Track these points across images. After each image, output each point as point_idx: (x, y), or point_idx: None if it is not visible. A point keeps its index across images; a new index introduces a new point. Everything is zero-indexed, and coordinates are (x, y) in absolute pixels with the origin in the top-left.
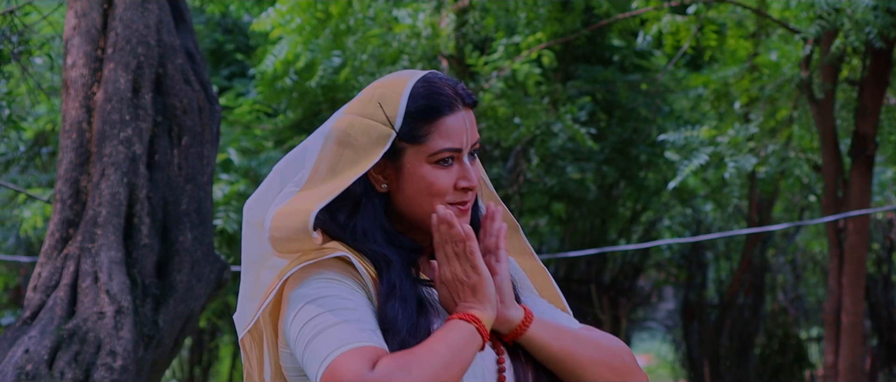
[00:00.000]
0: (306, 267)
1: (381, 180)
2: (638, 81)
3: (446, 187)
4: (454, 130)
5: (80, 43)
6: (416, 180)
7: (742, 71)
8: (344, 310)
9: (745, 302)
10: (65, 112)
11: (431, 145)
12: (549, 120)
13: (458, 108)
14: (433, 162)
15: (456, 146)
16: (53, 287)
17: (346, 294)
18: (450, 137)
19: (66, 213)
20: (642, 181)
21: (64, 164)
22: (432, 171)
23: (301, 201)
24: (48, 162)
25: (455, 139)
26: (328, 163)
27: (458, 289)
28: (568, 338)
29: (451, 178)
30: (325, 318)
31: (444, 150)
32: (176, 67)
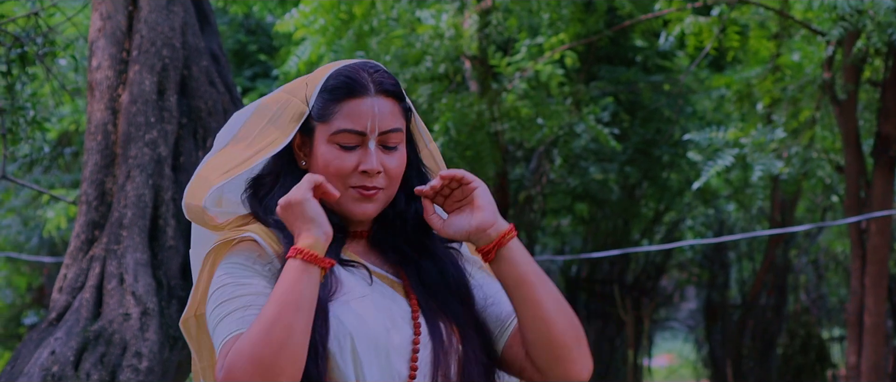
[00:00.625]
0: (220, 248)
1: (302, 156)
2: (660, 81)
3: (344, 168)
4: (358, 114)
5: (106, 45)
6: (320, 159)
7: (765, 72)
8: (237, 297)
9: (767, 302)
10: (90, 114)
11: (332, 124)
12: (572, 121)
13: (369, 92)
14: (334, 143)
15: (357, 129)
16: (79, 289)
17: (244, 280)
18: (352, 119)
19: (92, 215)
20: (665, 182)
21: (89, 166)
22: (332, 150)
23: (210, 168)
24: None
25: (357, 122)
26: (249, 132)
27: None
28: (542, 274)
29: (353, 160)
30: (224, 307)
31: (344, 130)
32: (201, 69)
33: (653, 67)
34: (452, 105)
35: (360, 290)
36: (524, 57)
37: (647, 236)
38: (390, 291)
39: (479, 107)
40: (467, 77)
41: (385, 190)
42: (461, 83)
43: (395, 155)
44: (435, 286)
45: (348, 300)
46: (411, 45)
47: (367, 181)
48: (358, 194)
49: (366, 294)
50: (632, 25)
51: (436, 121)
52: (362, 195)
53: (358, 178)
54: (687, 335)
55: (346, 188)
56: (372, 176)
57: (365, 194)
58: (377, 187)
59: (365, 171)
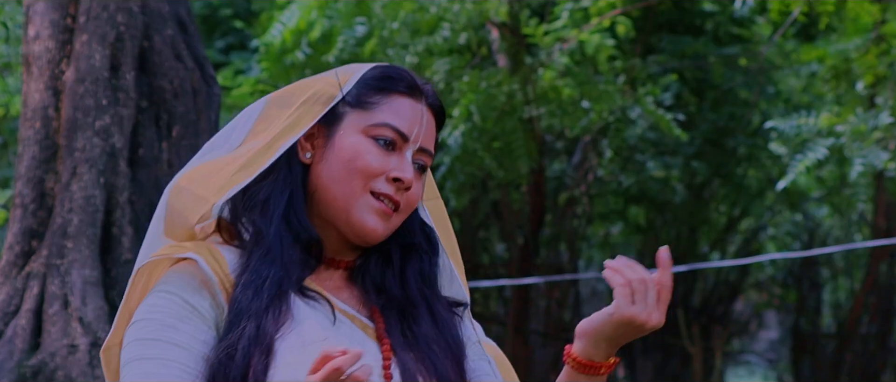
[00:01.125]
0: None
1: (308, 147)
2: (736, 55)
3: (377, 167)
4: (407, 114)
5: (46, 9)
6: (345, 149)
7: (866, 43)
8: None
9: (869, 330)
10: (26, 95)
11: (376, 115)
12: (626, 104)
13: (419, 98)
14: (371, 136)
15: (402, 128)
16: (13, 314)
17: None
18: (399, 116)
19: (29, 221)
20: (741, 180)
21: (25, 160)
22: (367, 143)
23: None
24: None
25: (404, 122)
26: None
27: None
28: None
29: (387, 162)
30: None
31: (387, 125)
32: (164, 39)
33: (726, 36)
34: (476, 84)
35: (319, 333)
36: (566, 24)
37: (718, 249)
38: (359, 334)
39: (509, 87)
40: (495, 50)
41: (399, 214)
42: (487, 57)
43: (421, 181)
44: (423, 339)
45: (303, 343)
46: (425, 10)
47: (394, 193)
48: (379, 204)
49: (326, 338)
50: None
51: (455, 104)
52: (382, 209)
53: (385, 185)
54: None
55: (365, 193)
56: (402, 189)
57: (385, 209)
58: (397, 203)
59: (398, 178)
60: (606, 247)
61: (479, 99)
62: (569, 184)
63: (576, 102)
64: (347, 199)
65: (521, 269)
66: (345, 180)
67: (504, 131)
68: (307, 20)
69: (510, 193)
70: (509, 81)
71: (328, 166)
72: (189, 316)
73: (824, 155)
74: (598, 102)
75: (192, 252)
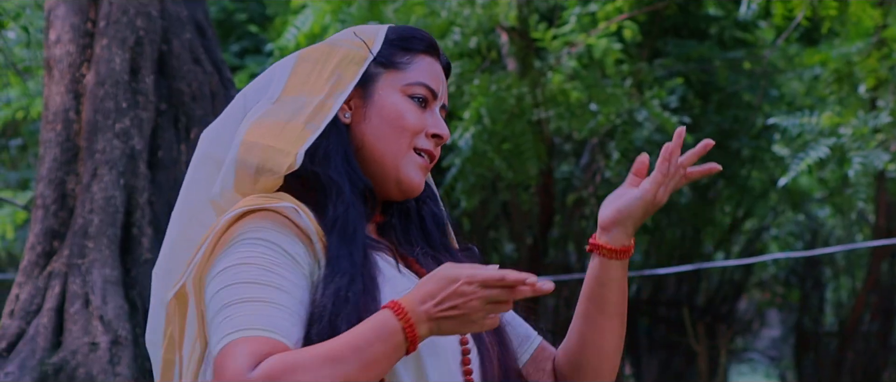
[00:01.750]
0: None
1: (346, 109)
2: (740, 58)
3: (418, 124)
4: (432, 71)
5: (66, 14)
6: (387, 109)
7: (868, 47)
8: (259, 285)
9: (871, 329)
10: (47, 98)
11: (409, 75)
12: (633, 107)
13: (436, 56)
14: (408, 95)
15: (433, 85)
16: (35, 312)
17: (272, 263)
18: (428, 75)
19: (50, 222)
20: (745, 182)
21: (46, 161)
22: (405, 102)
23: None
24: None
25: (432, 78)
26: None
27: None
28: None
29: (424, 120)
30: (236, 291)
31: (422, 83)
32: (183, 43)
33: (730, 40)
34: (486, 87)
35: (401, 282)
36: (574, 29)
37: (722, 249)
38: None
39: (518, 90)
40: (504, 53)
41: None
42: (497, 61)
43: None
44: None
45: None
46: (436, 14)
47: (433, 147)
48: (421, 159)
49: (408, 287)
50: None
51: (466, 107)
52: (424, 163)
53: (426, 141)
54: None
55: (410, 150)
56: (435, 142)
57: (425, 164)
58: (436, 154)
59: (437, 135)
60: None
61: (489, 102)
62: (577, 185)
63: (584, 105)
64: (396, 156)
65: (531, 268)
66: (392, 138)
67: (513, 134)
68: (321, 24)
69: (519, 194)
70: (519, 85)
71: (371, 125)
72: (288, 263)
73: (826, 154)
74: (605, 104)
75: (289, 203)
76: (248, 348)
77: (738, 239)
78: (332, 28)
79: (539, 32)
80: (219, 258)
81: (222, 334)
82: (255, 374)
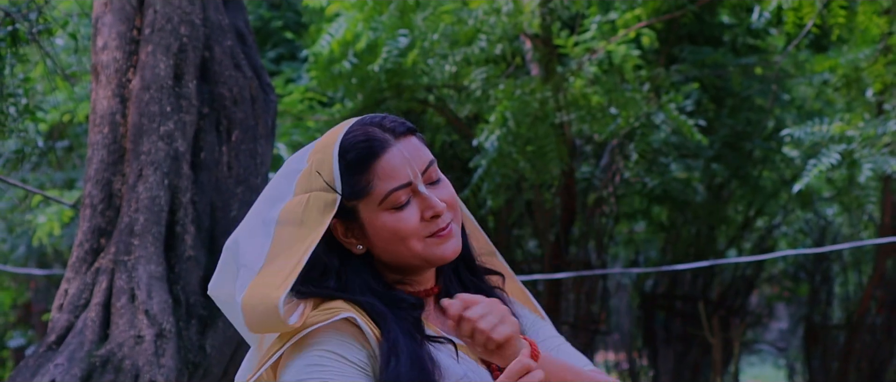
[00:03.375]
0: (307, 336)
1: (355, 242)
2: (752, 64)
3: (413, 227)
4: (394, 168)
5: (113, 22)
6: (380, 231)
7: (875, 53)
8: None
9: (876, 322)
10: (94, 102)
11: (377, 193)
12: (651, 110)
13: (390, 143)
14: (388, 208)
15: (402, 183)
16: (83, 307)
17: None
18: (392, 176)
19: (97, 220)
20: (756, 181)
21: (94, 163)
22: (391, 216)
23: (263, 285)
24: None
25: (399, 176)
26: (283, 244)
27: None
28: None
29: (415, 214)
30: None
31: (391, 191)
32: (224, 49)
33: (742, 47)
34: (511, 92)
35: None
36: (594, 36)
37: (735, 245)
38: (476, 366)
39: (541, 94)
40: (528, 59)
41: (454, 221)
42: (521, 66)
43: (444, 185)
44: None
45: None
46: (463, 22)
47: (437, 225)
48: (436, 239)
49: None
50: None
51: (492, 110)
52: (441, 238)
53: (429, 226)
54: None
55: (422, 242)
56: (441, 215)
57: (445, 235)
58: (444, 225)
59: (434, 215)
60: (631, 244)
61: (514, 106)
62: (597, 185)
63: (604, 109)
64: (416, 256)
65: (553, 264)
66: (403, 249)
67: (537, 136)
68: (354, 32)
69: (542, 193)
70: (542, 89)
71: (383, 249)
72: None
73: (837, 160)
74: (624, 108)
75: (347, 313)
76: None
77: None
78: (364, 35)
79: (561, 39)
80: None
81: None
82: None
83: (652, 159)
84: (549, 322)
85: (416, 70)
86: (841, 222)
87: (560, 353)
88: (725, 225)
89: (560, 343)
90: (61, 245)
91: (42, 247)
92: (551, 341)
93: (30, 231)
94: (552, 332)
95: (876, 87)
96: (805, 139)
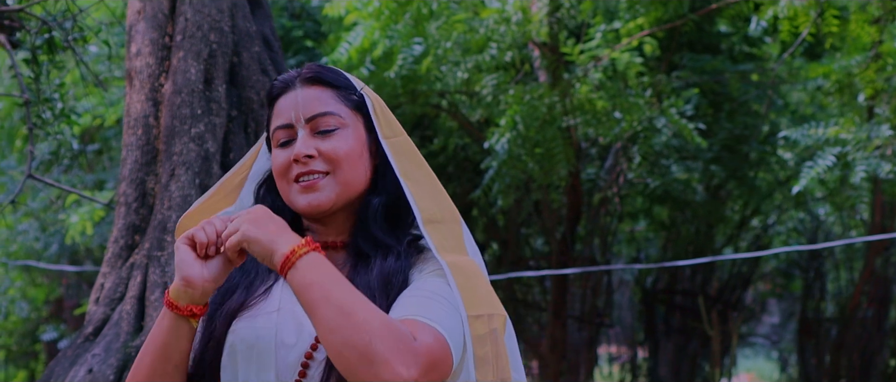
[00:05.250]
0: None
1: None
2: (749, 70)
3: (280, 166)
4: (283, 109)
5: (146, 29)
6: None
7: (866, 60)
8: None
9: (867, 316)
10: (129, 105)
11: (271, 128)
12: (653, 114)
13: (293, 87)
14: (275, 145)
15: (284, 122)
16: (118, 300)
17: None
18: (279, 115)
19: (132, 217)
20: (753, 182)
21: (128, 163)
22: (274, 152)
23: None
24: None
25: (283, 116)
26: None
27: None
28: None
29: (287, 154)
30: None
31: (276, 128)
32: (252, 55)
33: (739, 55)
34: (520, 97)
35: (276, 304)
36: (599, 44)
37: (732, 243)
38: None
39: (549, 99)
40: (536, 66)
41: (331, 175)
42: (529, 73)
43: (334, 137)
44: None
45: (256, 314)
46: (474, 31)
47: (301, 168)
48: (300, 187)
49: (281, 308)
50: (718, 9)
51: (502, 114)
52: (303, 187)
53: (297, 167)
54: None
55: (289, 185)
56: (302, 162)
57: (305, 186)
58: (316, 170)
59: (296, 158)
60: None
61: (523, 110)
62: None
63: (608, 113)
64: (287, 196)
65: (560, 261)
66: (280, 185)
67: (545, 139)
68: (371, 40)
69: (550, 193)
70: (549, 95)
71: None
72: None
73: (833, 163)
74: (628, 112)
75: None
76: None
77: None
78: (381, 43)
79: (568, 47)
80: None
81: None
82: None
83: (654, 161)
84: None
85: (429, 76)
86: (832, 221)
87: (402, 298)
88: (723, 224)
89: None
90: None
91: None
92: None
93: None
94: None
95: (867, 92)
96: (802, 141)
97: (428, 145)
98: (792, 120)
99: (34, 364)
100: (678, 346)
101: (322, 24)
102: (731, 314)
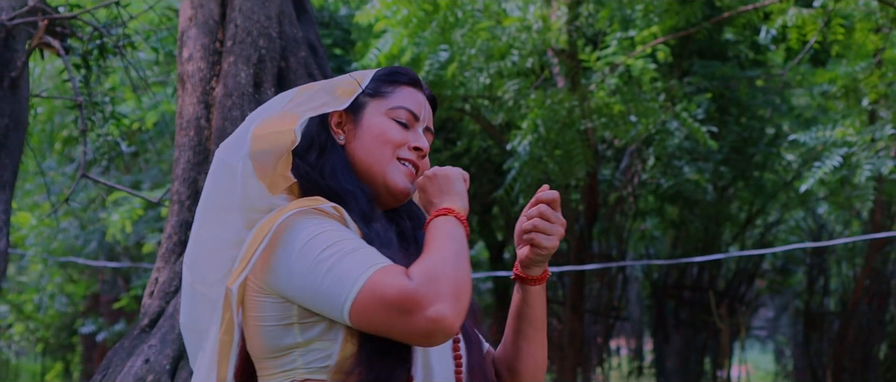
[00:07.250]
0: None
1: (341, 132)
2: (757, 76)
3: (400, 139)
4: (416, 99)
5: (197, 35)
6: (374, 128)
7: (870, 66)
8: (354, 240)
9: (867, 310)
10: (181, 108)
11: (392, 101)
12: (666, 118)
13: (420, 89)
14: (391, 117)
15: (415, 110)
16: (173, 293)
17: (345, 232)
18: (411, 101)
19: (184, 214)
20: (759, 182)
21: (181, 163)
22: (388, 122)
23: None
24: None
25: (413, 104)
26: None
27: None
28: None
29: (407, 135)
30: (342, 246)
31: (403, 107)
32: (299, 60)
33: (747, 61)
34: (541, 101)
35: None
36: (615, 51)
37: (738, 240)
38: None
39: (568, 103)
40: (556, 72)
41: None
42: (549, 79)
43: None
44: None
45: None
46: (497, 38)
47: (418, 159)
48: (405, 167)
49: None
50: (728, 18)
51: (523, 118)
52: (408, 171)
53: (408, 152)
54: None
55: (393, 159)
56: (419, 153)
57: (409, 171)
58: (419, 164)
59: (418, 147)
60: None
61: (544, 114)
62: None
63: (624, 117)
64: (382, 165)
65: (578, 257)
66: (377, 151)
67: (564, 141)
68: (399, 47)
69: (569, 193)
70: (568, 99)
71: (361, 143)
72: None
73: (840, 163)
74: (643, 116)
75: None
76: (391, 271)
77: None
78: (409, 50)
79: (585, 54)
80: (291, 241)
81: (356, 275)
82: (416, 280)
83: (667, 162)
84: None
85: (454, 81)
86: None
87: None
88: (730, 222)
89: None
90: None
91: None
92: None
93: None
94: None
95: (871, 96)
96: (810, 143)
97: (452, 147)
98: (796, 123)
99: (71, 356)
100: (686, 339)
101: (351, 32)
102: (739, 307)
